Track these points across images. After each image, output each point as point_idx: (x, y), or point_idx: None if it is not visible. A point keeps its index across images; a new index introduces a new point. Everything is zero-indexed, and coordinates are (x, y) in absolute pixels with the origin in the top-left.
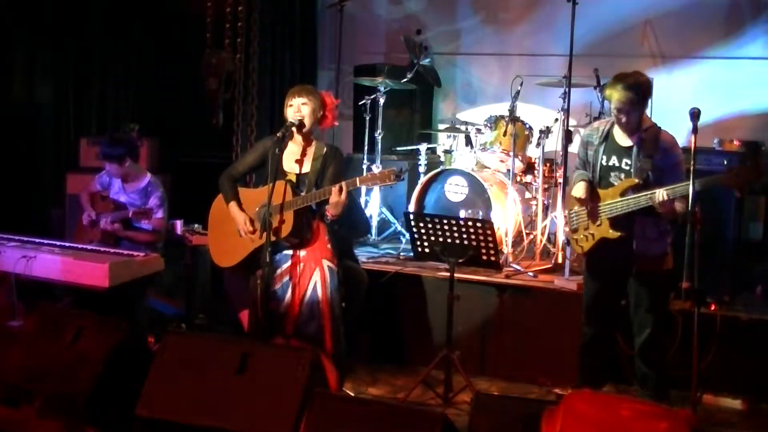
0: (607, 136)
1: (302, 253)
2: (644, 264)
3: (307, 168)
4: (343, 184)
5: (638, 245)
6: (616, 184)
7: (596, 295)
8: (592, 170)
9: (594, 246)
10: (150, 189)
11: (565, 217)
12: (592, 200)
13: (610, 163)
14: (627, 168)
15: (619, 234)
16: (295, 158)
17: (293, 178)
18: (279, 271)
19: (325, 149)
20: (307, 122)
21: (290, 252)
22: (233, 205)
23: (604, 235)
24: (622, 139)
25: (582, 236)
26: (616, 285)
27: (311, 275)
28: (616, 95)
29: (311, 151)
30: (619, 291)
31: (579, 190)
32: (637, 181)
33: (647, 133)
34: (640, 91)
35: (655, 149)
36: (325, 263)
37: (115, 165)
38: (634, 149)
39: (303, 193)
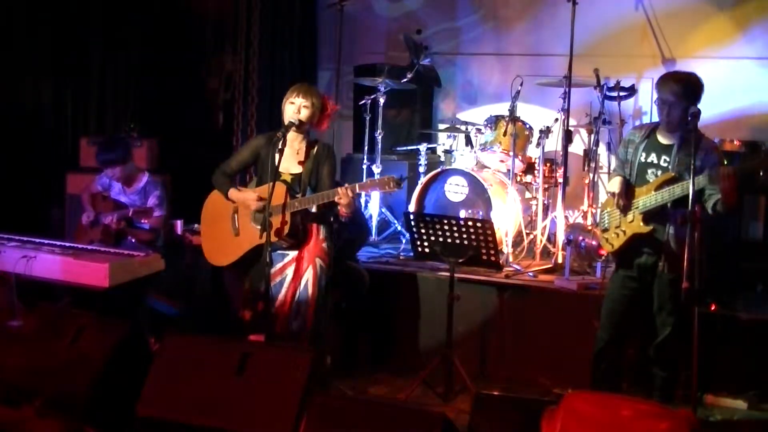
0: (649, 135)
1: (297, 253)
2: (673, 266)
3: (301, 168)
4: (348, 186)
5: (669, 243)
6: (651, 180)
7: (622, 297)
8: (630, 168)
9: (625, 243)
10: (149, 188)
11: (567, 219)
12: (626, 197)
13: (649, 160)
14: (665, 165)
15: (650, 228)
16: (289, 159)
17: (288, 179)
18: (273, 270)
19: (317, 149)
20: (305, 123)
21: (285, 252)
22: (233, 191)
23: (635, 231)
24: (664, 138)
25: (613, 234)
26: (645, 286)
27: (303, 274)
28: (662, 88)
29: (304, 151)
30: (646, 293)
31: (614, 184)
32: (673, 174)
33: (690, 134)
34: (686, 86)
35: (696, 149)
36: (318, 261)
37: (118, 168)
38: (675, 147)
39: (299, 194)
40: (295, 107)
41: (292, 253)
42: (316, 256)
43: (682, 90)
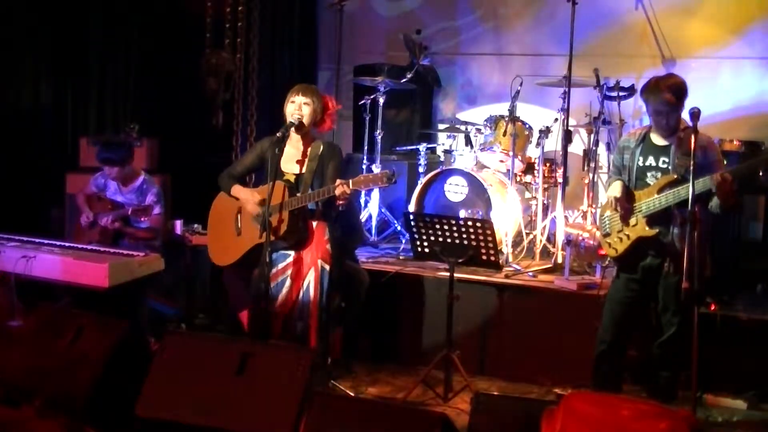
0: (644, 139)
1: (299, 253)
2: (679, 266)
3: (304, 168)
4: (343, 182)
5: (674, 244)
6: (652, 183)
7: (624, 299)
8: (628, 174)
9: (629, 247)
10: (145, 187)
11: (566, 219)
12: (626, 201)
13: (647, 164)
14: (664, 166)
15: (655, 231)
16: (292, 159)
17: (291, 179)
18: (275, 270)
19: (321, 148)
20: (306, 122)
21: (287, 252)
22: (236, 187)
23: (640, 234)
24: (659, 140)
25: (616, 239)
26: (648, 288)
27: (306, 275)
28: (655, 98)
29: (308, 151)
30: (650, 295)
31: (615, 189)
32: (675, 176)
33: (685, 133)
34: (678, 92)
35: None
36: (320, 263)
37: (117, 168)
38: (672, 147)
39: (299, 194)
40: (295, 105)
41: (294, 253)
42: (319, 258)
43: (675, 97)
